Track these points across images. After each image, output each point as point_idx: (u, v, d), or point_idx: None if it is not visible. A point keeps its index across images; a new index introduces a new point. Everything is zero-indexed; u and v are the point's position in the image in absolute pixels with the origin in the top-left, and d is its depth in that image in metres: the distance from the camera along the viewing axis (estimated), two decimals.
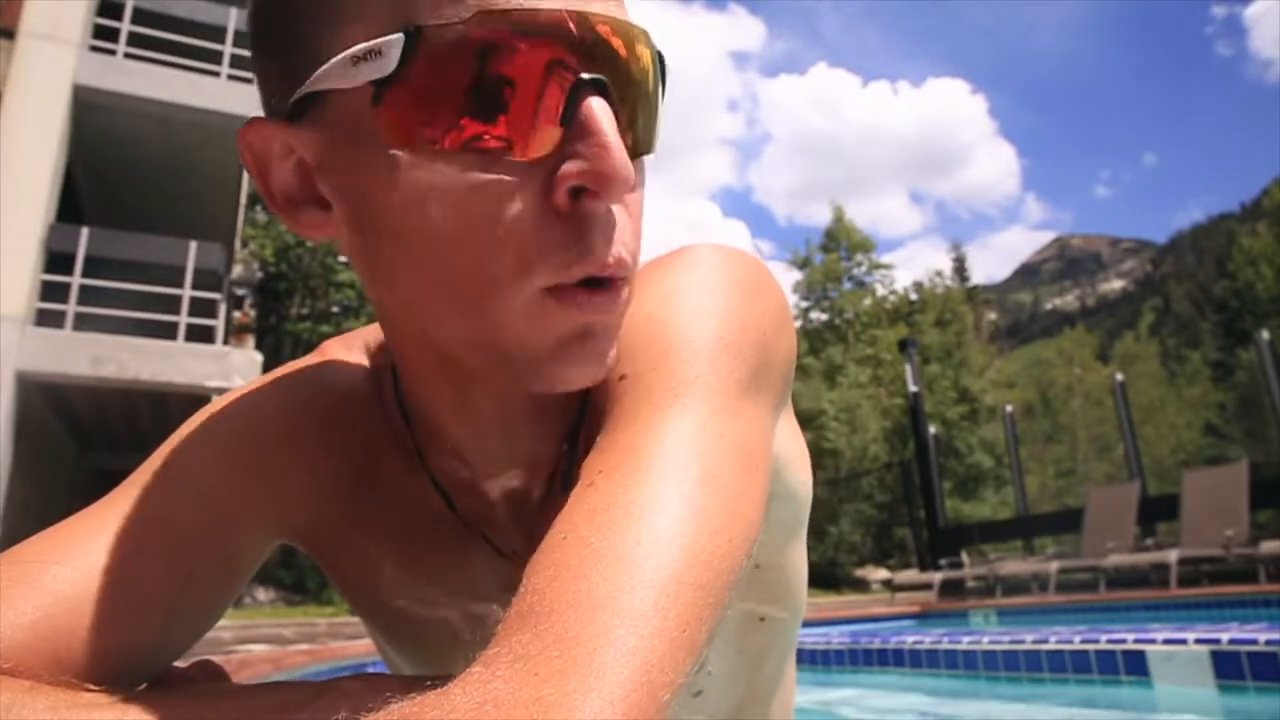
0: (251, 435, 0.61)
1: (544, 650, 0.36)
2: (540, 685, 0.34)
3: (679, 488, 0.44)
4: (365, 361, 0.67)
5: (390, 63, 0.43)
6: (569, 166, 0.44)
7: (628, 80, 0.47)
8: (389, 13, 0.44)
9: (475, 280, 0.46)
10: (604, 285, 0.47)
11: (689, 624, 0.39)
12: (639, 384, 0.50)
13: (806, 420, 24.56)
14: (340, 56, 0.45)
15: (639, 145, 0.49)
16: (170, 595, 0.54)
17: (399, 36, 0.43)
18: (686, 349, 0.51)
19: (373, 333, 0.68)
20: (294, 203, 0.51)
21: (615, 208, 0.46)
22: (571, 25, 0.44)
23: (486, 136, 0.43)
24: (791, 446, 0.66)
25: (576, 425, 0.59)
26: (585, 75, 0.44)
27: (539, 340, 0.47)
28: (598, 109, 0.44)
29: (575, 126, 0.44)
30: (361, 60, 0.44)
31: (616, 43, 0.46)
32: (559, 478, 0.60)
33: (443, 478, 0.62)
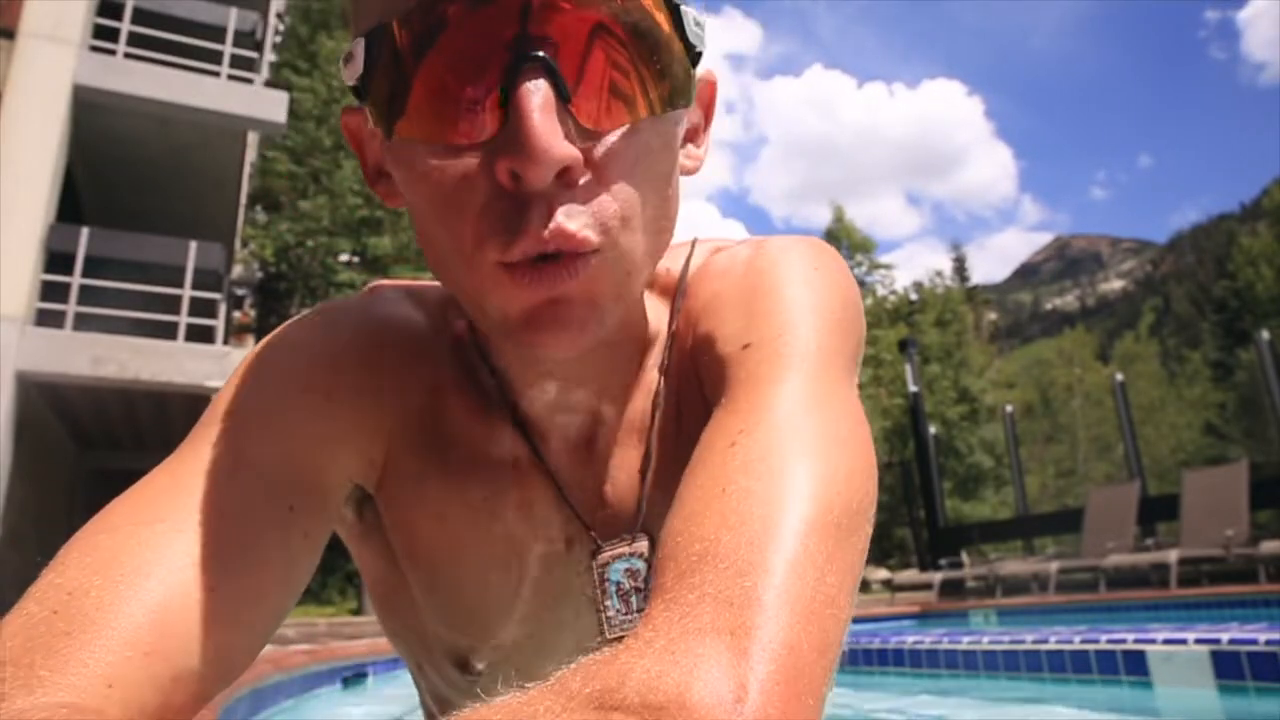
0: (330, 364, 0.59)
1: (729, 585, 0.38)
2: (738, 612, 0.37)
3: (819, 440, 0.47)
4: (421, 305, 0.67)
5: (358, 66, 0.47)
6: (501, 150, 0.44)
7: (596, 45, 0.45)
8: (364, 16, 0.48)
9: (451, 253, 0.49)
10: (557, 259, 0.47)
11: (851, 563, 0.44)
12: (764, 351, 0.54)
13: None
14: (340, 57, 0.48)
15: (625, 112, 0.47)
16: (279, 537, 0.51)
17: (360, 41, 0.46)
18: (808, 321, 0.55)
19: (431, 283, 0.70)
20: (381, 174, 0.56)
21: (582, 181, 0.46)
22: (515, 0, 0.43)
23: (437, 127, 0.46)
24: None
25: (651, 386, 0.64)
26: (521, 53, 0.43)
27: (511, 309, 0.49)
28: (528, 89, 0.43)
29: (510, 109, 0.43)
30: (348, 61, 0.47)
31: (578, 6, 0.44)
32: (633, 439, 0.64)
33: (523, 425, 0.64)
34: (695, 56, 0.49)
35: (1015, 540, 13.62)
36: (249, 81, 10.22)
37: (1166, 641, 3.03)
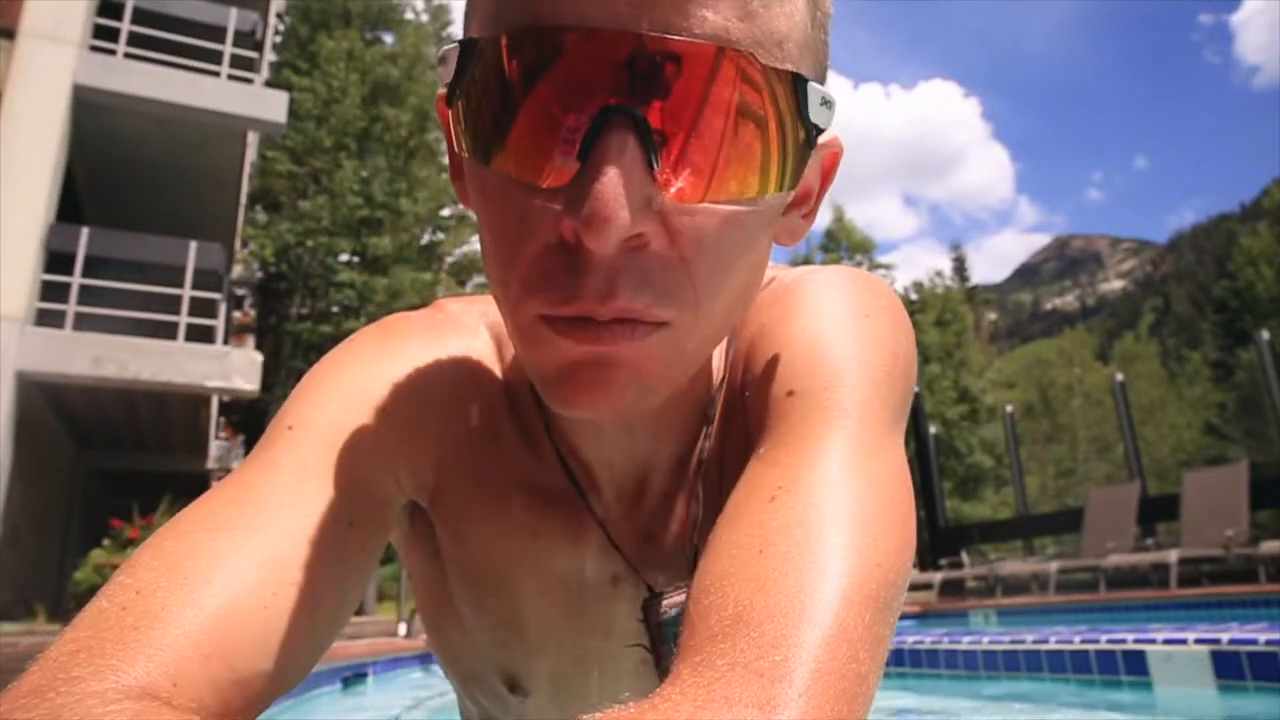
0: (388, 380, 0.60)
1: (761, 656, 0.37)
2: (769, 686, 0.36)
3: (860, 507, 0.46)
4: (485, 329, 0.67)
5: (451, 71, 0.44)
6: (570, 206, 0.41)
7: (697, 111, 0.40)
8: (470, 22, 0.46)
9: (503, 289, 0.46)
10: (608, 323, 0.43)
11: (882, 639, 0.42)
12: (809, 402, 0.52)
13: None
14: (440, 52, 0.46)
15: (717, 189, 0.42)
16: (338, 548, 0.52)
17: (455, 47, 0.43)
18: (854, 374, 0.53)
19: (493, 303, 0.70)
20: (460, 172, 0.52)
21: (656, 252, 0.42)
22: (621, 47, 0.39)
23: (511, 161, 0.42)
24: None
25: (702, 431, 0.62)
26: (611, 105, 0.39)
27: (545, 362, 0.46)
28: (612, 147, 0.39)
29: (588, 163, 0.40)
30: (443, 64, 0.45)
31: (687, 69, 0.39)
32: (685, 483, 0.63)
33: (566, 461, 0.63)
34: (814, 138, 0.45)
35: (1015, 540, 13.60)
36: (249, 81, 10.22)
37: (1166, 641, 3.03)
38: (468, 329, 0.66)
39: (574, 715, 0.37)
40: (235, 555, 0.48)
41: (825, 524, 0.44)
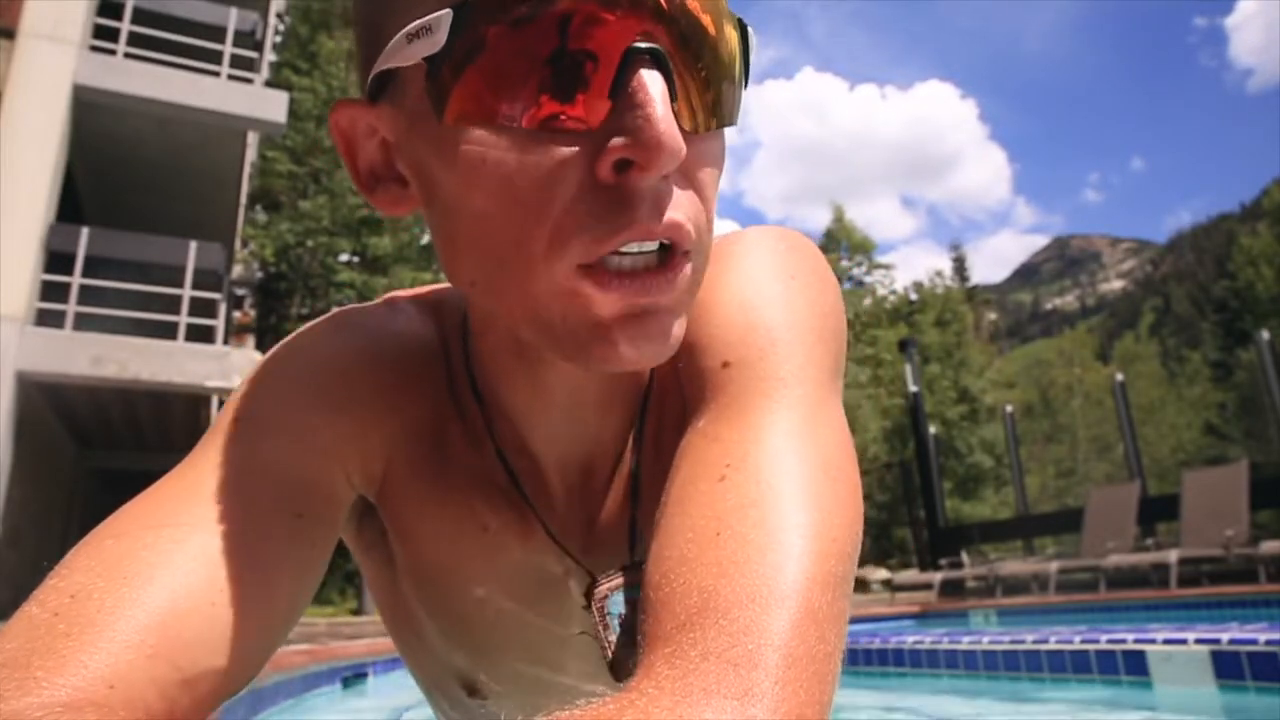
0: (338, 372, 0.59)
1: (734, 644, 0.37)
2: (744, 675, 0.36)
3: (812, 483, 0.46)
4: (433, 323, 0.65)
5: (440, 39, 0.43)
6: (615, 139, 0.42)
7: (694, 48, 0.44)
8: None
9: (516, 256, 0.45)
10: (653, 265, 0.44)
11: (843, 614, 0.42)
12: (745, 373, 0.51)
13: None
14: (399, 34, 0.45)
15: (711, 117, 0.46)
16: (288, 542, 0.51)
17: (447, 12, 0.42)
18: (787, 340, 0.53)
19: (443, 293, 0.67)
20: (377, 179, 0.52)
21: (673, 180, 0.44)
22: None
23: (531, 111, 0.42)
24: None
25: (642, 409, 0.61)
26: (637, 44, 0.42)
27: (582, 319, 0.45)
28: (647, 80, 0.41)
29: (623, 98, 0.41)
30: (415, 37, 0.44)
31: (680, 9, 0.44)
32: (624, 458, 0.62)
33: (506, 457, 0.62)
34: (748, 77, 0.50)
35: (1015, 540, 13.61)
36: (249, 81, 10.22)
37: (1166, 641, 3.03)
38: (416, 322, 0.65)
39: (540, 716, 0.36)
40: (179, 552, 0.47)
41: (780, 503, 0.44)
